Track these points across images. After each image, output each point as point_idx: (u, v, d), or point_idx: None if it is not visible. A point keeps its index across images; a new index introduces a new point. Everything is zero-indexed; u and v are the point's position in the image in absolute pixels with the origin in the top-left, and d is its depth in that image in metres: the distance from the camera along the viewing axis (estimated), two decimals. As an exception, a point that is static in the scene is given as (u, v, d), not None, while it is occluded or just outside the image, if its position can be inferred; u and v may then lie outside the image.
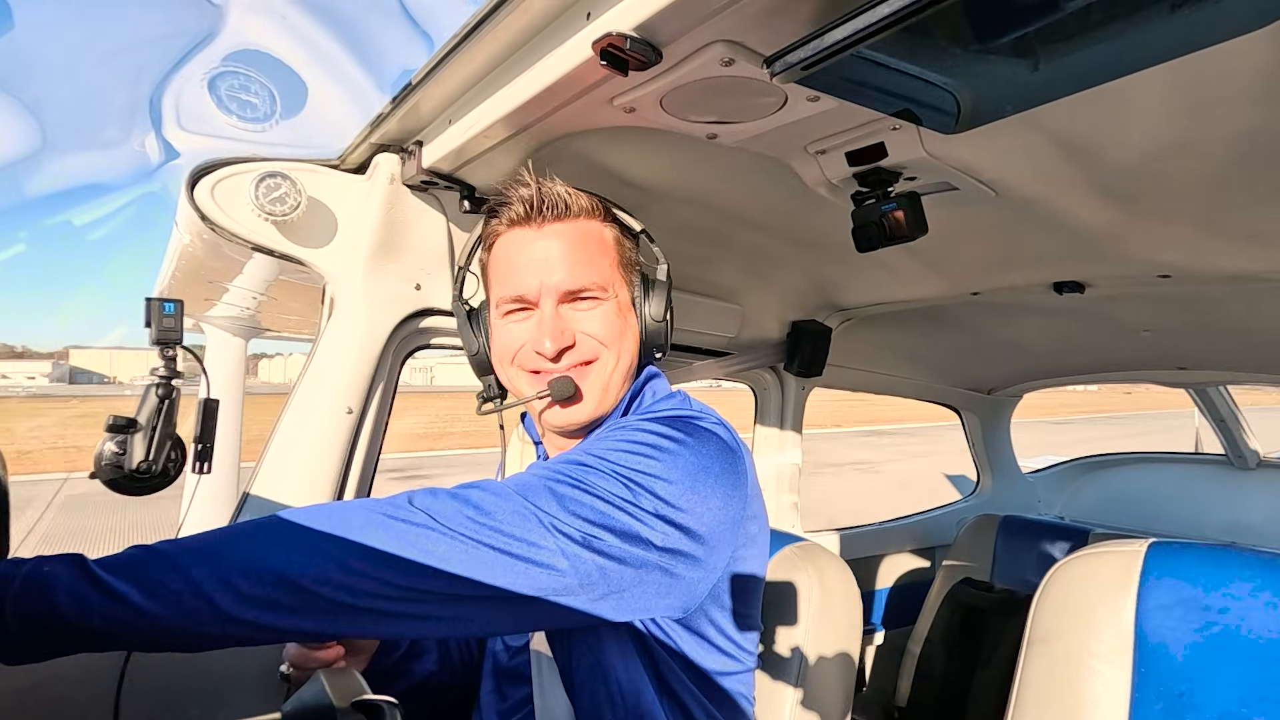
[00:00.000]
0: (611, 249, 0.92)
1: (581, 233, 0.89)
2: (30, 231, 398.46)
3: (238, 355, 2.67)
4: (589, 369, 0.88)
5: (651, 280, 0.95)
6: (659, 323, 0.93)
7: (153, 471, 0.92)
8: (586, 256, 0.88)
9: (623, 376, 0.90)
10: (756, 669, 0.91)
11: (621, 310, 0.91)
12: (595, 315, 0.88)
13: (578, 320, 0.88)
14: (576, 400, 0.87)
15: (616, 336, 0.89)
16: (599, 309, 0.88)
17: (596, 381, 0.88)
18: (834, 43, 0.61)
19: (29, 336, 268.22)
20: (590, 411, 0.88)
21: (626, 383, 0.92)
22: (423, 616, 0.65)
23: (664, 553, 0.72)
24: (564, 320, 0.87)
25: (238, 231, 1.13)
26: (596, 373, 0.88)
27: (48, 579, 0.57)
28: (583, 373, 0.87)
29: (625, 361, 0.90)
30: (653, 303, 0.93)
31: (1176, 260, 1.31)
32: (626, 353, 0.90)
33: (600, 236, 0.91)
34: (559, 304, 0.87)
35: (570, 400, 0.87)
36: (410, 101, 1.01)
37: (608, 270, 0.90)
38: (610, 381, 0.89)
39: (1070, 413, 29.30)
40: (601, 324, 0.88)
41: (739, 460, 0.81)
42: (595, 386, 0.88)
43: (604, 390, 0.88)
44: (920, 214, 1.02)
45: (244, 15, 1.23)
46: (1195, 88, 0.76)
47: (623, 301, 0.91)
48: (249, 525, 0.65)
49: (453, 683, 1.03)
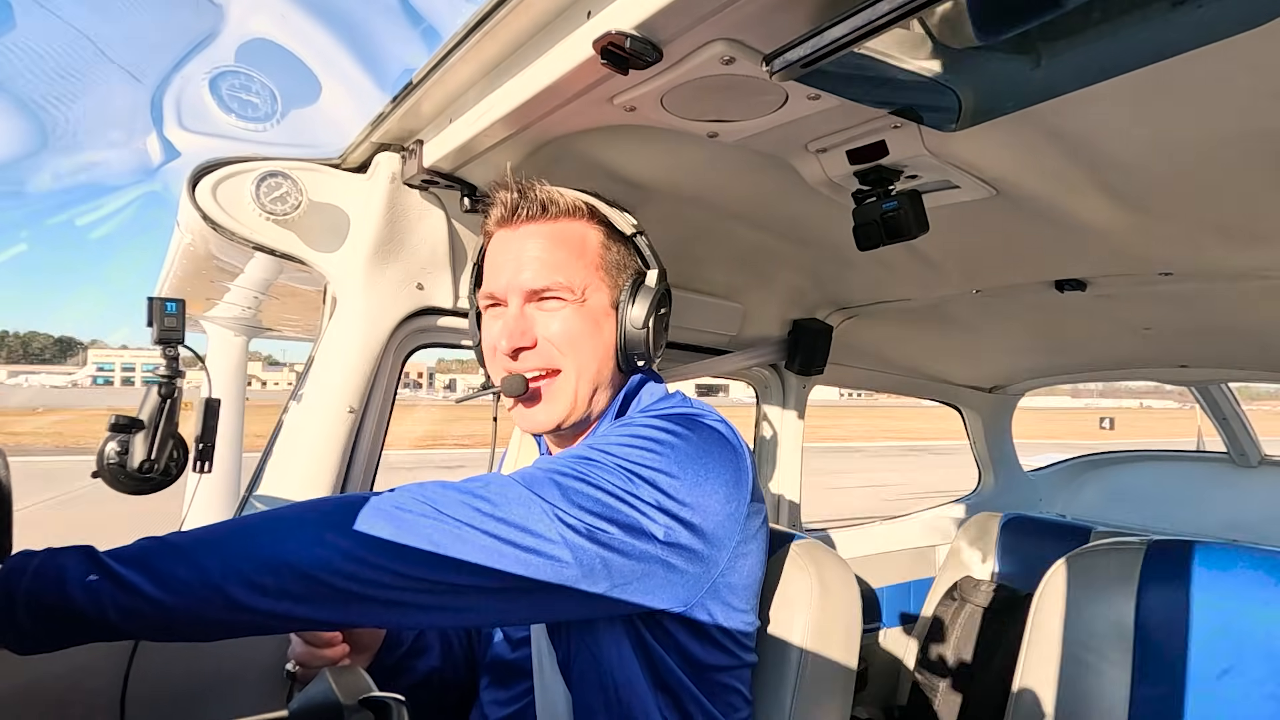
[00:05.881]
0: (592, 250, 0.89)
1: (559, 233, 0.88)
2: (32, 230, 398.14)
3: (239, 354, 2.68)
4: (552, 380, 0.87)
5: (639, 285, 0.91)
6: (639, 329, 0.88)
7: (154, 471, 0.92)
8: (558, 257, 0.87)
9: (591, 381, 0.88)
10: (755, 666, 0.92)
11: (592, 314, 0.88)
12: (558, 317, 0.86)
13: (540, 321, 0.87)
14: (536, 402, 0.87)
15: (579, 340, 0.87)
16: (563, 311, 0.87)
17: (558, 389, 0.87)
18: (834, 40, 0.61)
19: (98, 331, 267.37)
20: (551, 417, 0.87)
21: (603, 389, 0.90)
22: (428, 606, 0.65)
23: (666, 546, 0.73)
24: (527, 320, 0.87)
25: (239, 231, 1.14)
26: (558, 383, 0.87)
27: (60, 571, 0.58)
28: (547, 381, 0.87)
29: (591, 366, 0.88)
30: (635, 308, 0.89)
31: (1177, 258, 1.31)
32: (592, 358, 0.88)
33: (580, 237, 0.89)
34: (525, 303, 0.87)
35: (528, 400, 0.87)
36: (411, 100, 1.01)
37: (581, 271, 0.87)
38: (577, 390, 0.87)
39: (892, 437, 24.40)
40: (563, 326, 0.86)
41: (740, 457, 0.81)
42: (556, 393, 0.87)
43: (570, 399, 0.87)
44: (921, 212, 1.02)
45: (245, 14, 1.23)
46: (1194, 86, 0.76)
47: (596, 304, 0.88)
48: (258, 517, 0.65)
49: (455, 678, 1.04)
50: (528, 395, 0.87)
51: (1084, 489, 3.15)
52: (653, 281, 0.92)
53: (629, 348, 0.89)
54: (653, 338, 0.90)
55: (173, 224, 1.27)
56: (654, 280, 0.92)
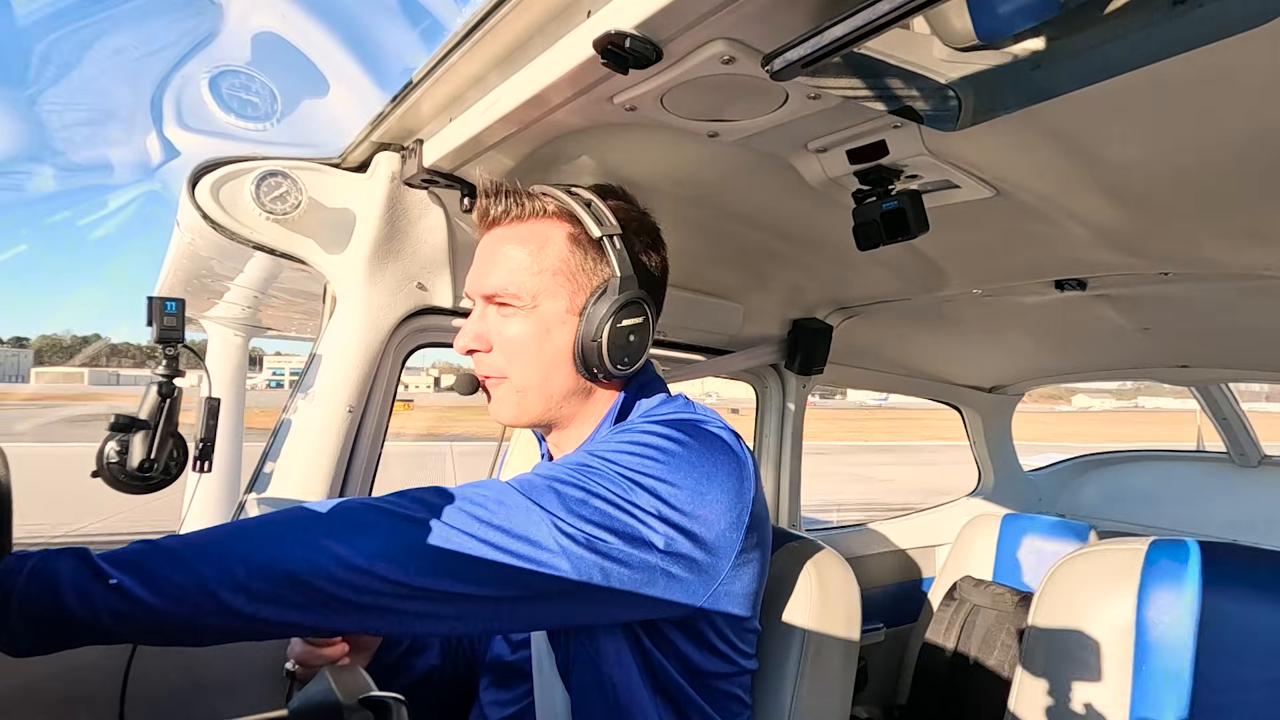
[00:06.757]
0: (554, 253, 0.85)
1: (523, 235, 0.86)
2: (32, 230, 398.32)
3: (239, 353, 2.67)
4: (502, 383, 0.88)
5: (603, 292, 0.86)
6: (591, 341, 0.84)
7: (154, 470, 0.92)
8: (513, 261, 0.85)
9: (539, 389, 0.87)
10: (754, 669, 0.92)
11: (543, 320, 0.85)
12: (509, 323, 0.86)
13: (495, 326, 0.88)
14: (491, 402, 0.90)
15: (523, 348, 0.86)
16: (514, 317, 0.86)
17: (503, 394, 0.88)
18: (834, 40, 0.61)
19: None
20: (503, 418, 0.90)
21: (565, 395, 0.88)
22: (425, 614, 0.65)
23: (667, 556, 0.72)
24: (486, 324, 0.88)
25: (239, 230, 1.14)
26: (505, 388, 0.88)
27: (53, 574, 0.57)
28: (496, 384, 0.89)
29: (535, 375, 0.86)
30: (589, 317, 0.85)
31: (1177, 258, 1.31)
32: (537, 365, 0.86)
33: (543, 239, 0.86)
34: (485, 306, 0.89)
35: (489, 400, 0.90)
36: (410, 100, 1.01)
37: (533, 277, 0.84)
38: (524, 395, 0.87)
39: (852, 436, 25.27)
40: (510, 332, 0.86)
41: (744, 464, 0.80)
42: (503, 397, 0.89)
43: (515, 404, 0.88)
44: (921, 212, 1.02)
45: (245, 14, 1.23)
46: (1196, 85, 0.76)
47: (549, 311, 0.85)
48: (254, 521, 0.65)
49: (455, 676, 1.04)
50: (483, 394, 0.90)
51: (1084, 489, 3.15)
52: (615, 290, 0.85)
53: (585, 356, 0.85)
54: (607, 348, 0.84)
55: (172, 223, 1.27)
56: (618, 287, 0.85)
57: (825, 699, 0.98)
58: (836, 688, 1.00)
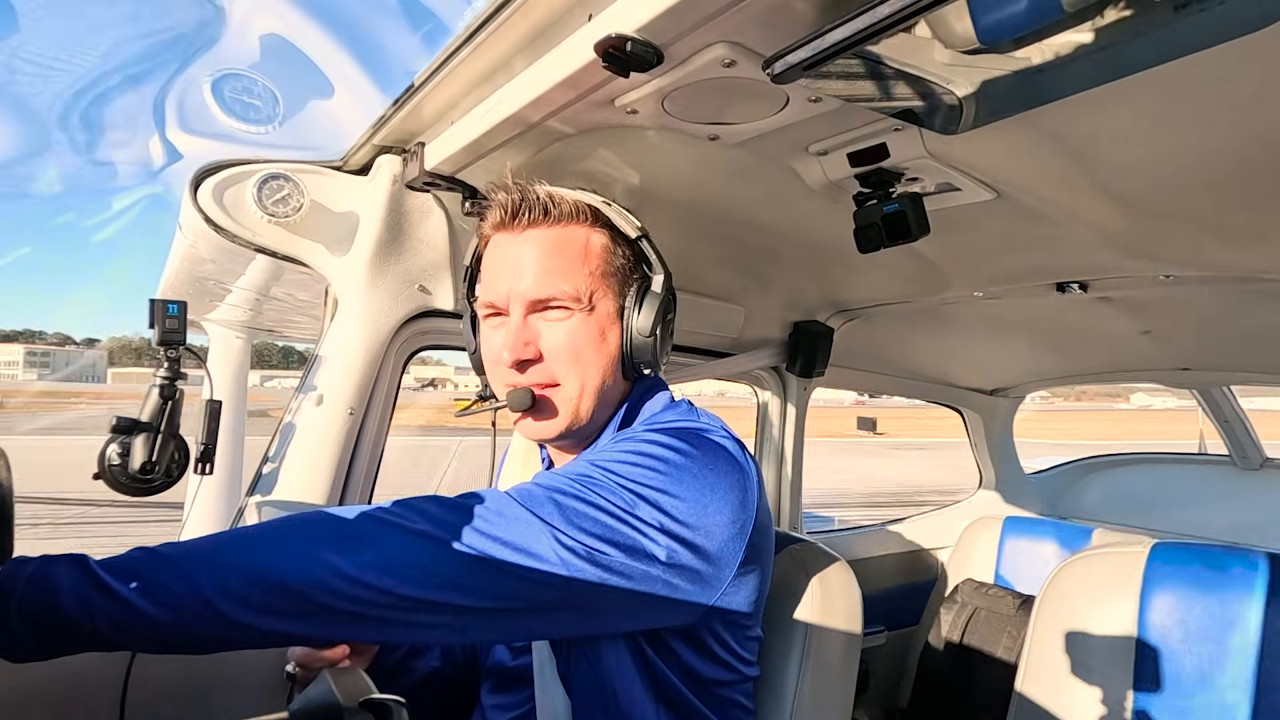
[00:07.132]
0: (596, 256, 0.86)
1: (561, 238, 0.84)
2: (36, 232, 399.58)
3: (241, 356, 2.67)
4: (555, 391, 0.85)
5: (645, 290, 0.88)
6: (646, 337, 0.86)
7: (155, 472, 0.92)
8: (561, 264, 0.83)
9: (595, 393, 0.86)
10: (756, 675, 0.91)
11: (598, 322, 0.85)
12: (563, 328, 0.83)
13: (545, 332, 0.84)
14: (541, 415, 0.85)
15: (584, 351, 0.84)
16: (568, 321, 0.84)
17: (561, 402, 0.85)
18: (834, 43, 0.61)
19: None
20: (555, 428, 0.85)
21: (607, 398, 0.88)
22: (422, 625, 0.64)
23: (668, 568, 0.71)
24: (530, 331, 0.84)
25: (241, 233, 1.14)
26: (561, 396, 0.85)
27: (52, 580, 0.57)
28: (550, 393, 0.85)
29: (595, 379, 0.85)
30: (641, 315, 0.86)
31: (1179, 260, 1.31)
32: (597, 369, 0.85)
33: (583, 242, 0.85)
34: (527, 313, 0.84)
35: (534, 413, 0.85)
36: (412, 103, 1.01)
37: (585, 279, 0.84)
38: (580, 401, 0.85)
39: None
40: (568, 337, 0.83)
41: (747, 475, 0.79)
42: (561, 404, 0.85)
43: (573, 411, 0.85)
44: (922, 215, 1.02)
45: (247, 17, 1.24)
46: (1197, 88, 0.76)
47: (602, 313, 0.85)
48: (252, 530, 0.65)
49: (455, 678, 1.04)
50: (533, 408, 0.84)
51: (1085, 491, 3.14)
52: (659, 286, 0.88)
53: (635, 356, 0.86)
54: (659, 345, 0.87)
55: (174, 226, 1.28)
56: (660, 285, 0.88)
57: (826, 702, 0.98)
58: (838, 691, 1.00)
